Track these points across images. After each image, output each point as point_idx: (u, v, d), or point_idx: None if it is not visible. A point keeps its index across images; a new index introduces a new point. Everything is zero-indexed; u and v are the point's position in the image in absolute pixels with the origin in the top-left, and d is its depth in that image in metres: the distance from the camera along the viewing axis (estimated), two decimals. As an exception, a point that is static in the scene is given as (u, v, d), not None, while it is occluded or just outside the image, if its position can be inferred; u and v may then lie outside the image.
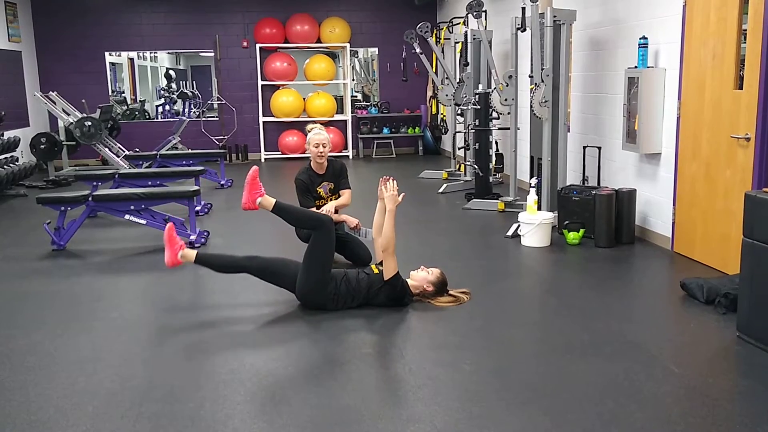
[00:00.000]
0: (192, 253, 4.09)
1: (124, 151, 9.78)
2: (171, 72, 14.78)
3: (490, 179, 7.59)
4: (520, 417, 2.80)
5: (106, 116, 10.00)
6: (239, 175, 9.78)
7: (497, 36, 8.72)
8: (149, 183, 7.09)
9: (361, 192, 5.68)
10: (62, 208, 5.70)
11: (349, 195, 5.23)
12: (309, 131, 5.14)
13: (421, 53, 9.05)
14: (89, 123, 9.26)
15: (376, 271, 4.13)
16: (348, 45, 11.93)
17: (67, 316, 4.15)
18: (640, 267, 5.11)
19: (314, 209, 4.94)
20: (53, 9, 11.20)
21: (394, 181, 4.22)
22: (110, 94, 11.78)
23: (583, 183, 6.25)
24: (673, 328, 3.87)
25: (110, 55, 11.85)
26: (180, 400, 3.01)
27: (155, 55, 14.38)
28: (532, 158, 6.74)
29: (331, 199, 5.17)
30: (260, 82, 11.73)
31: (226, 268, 4.21)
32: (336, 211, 5.05)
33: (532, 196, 5.66)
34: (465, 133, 8.40)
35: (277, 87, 11.86)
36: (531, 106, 6.08)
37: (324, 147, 5.04)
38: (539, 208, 5.80)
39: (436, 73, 9.70)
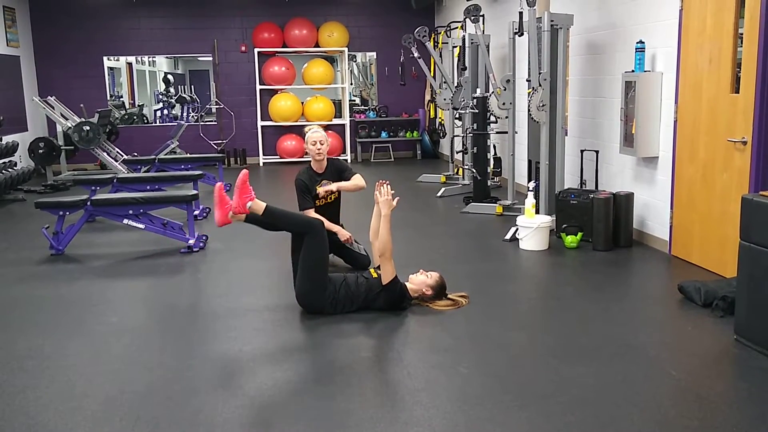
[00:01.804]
0: (261, 206, 3.99)
1: (122, 156, 9.79)
2: (169, 76, 14.82)
3: (488, 183, 7.60)
4: (518, 420, 2.81)
5: (104, 121, 10.01)
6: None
7: (495, 40, 8.75)
8: (148, 187, 7.10)
9: (359, 196, 5.68)
10: (61, 213, 5.70)
11: (360, 177, 5.16)
12: (307, 131, 5.18)
13: (419, 57, 9.08)
14: (88, 127, 9.28)
15: (374, 275, 4.14)
16: (346, 49, 11.95)
17: (65, 320, 4.15)
18: (637, 270, 5.12)
19: (312, 210, 4.96)
20: (52, 14, 11.21)
21: (389, 186, 4.22)
22: (109, 98, 11.79)
23: (581, 186, 6.26)
24: (671, 331, 3.88)
25: (109, 59, 11.87)
26: (178, 405, 3.01)
27: (153, 59, 14.44)
28: (530, 162, 6.75)
29: (331, 199, 5.18)
30: (258, 87, 11.75)
31: (294, 226, 4.13)
32: (335, 212, 5.05)
33: (530, 200, 5.67)
34: (463, 137, 8.42)
35: (275, 91, 11.87)
36: (529, 110, 6.09)
37: (322, 144, 5.06)
38: (537, 212, 5.81)
39: (434, 77, 9.73)
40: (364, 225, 4.74)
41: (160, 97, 14.42)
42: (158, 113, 14.09)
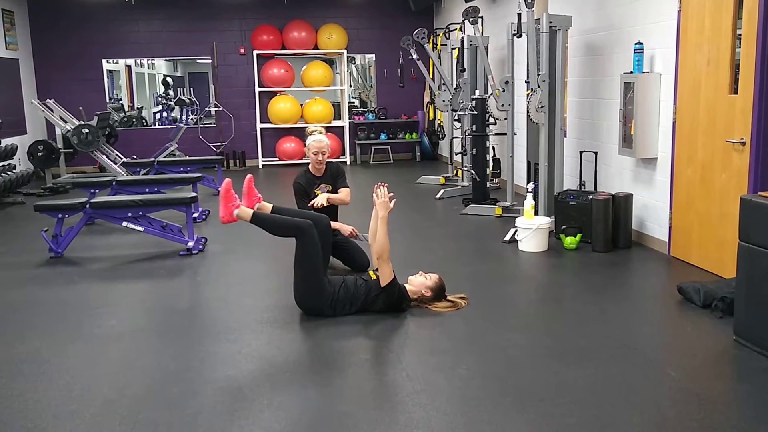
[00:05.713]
0: (248, 213, 4.06)
1: (121, 158, 9.79)
2: (168, 79, 14.83)
3: (488, 184, 7.60)
4: (517, 421, 2.81)
5: (103, 123, 10.01)
6: (237, 182, 9.79)
7: (494, 42, 8.75)
8: (147, 190, 7.09)
9: (358, 198, 5.68)
10: (60, 216, 5.70)
11: (348, 193, 5.22)
12: (309, 134, 5.16)
13: (418, 59, 9.09)
14: (87, 130, 9.27)
15: (373, 277, 4.13)
16: (345, 51, 11.97)
17: (64, 323, 4.15)
18: (637, 271, 5.12)
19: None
20: (51, 17, 11.22)
21: (386, 188, 4.21)
22: (108, 101, 11.80)
23: (580, 188, 6.26)
24: (670, 332, 3.88)
25: (108, 62, 11.88)
26: (177, 407, 3.01)
27: (152, 62, 14.44)
28: (529, 163, 6.76)
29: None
30: (257, 89, 11.75)
31: (282, 230, 4.16)
32: (329, 211, 5.05)
33: (529, 201, 5.67)
34: (462, 138, 8.43)
35: (274, 93, 11.88)
36: (528, 112, 6.10)
37: (323, 155, 5.09)
38: (536, 213, 5.81)
39: (433, 79, 9.73)
40: (363, 227, 4.74)
41: (159, 99, 14.42)
42: (157, 116, 14.09)
